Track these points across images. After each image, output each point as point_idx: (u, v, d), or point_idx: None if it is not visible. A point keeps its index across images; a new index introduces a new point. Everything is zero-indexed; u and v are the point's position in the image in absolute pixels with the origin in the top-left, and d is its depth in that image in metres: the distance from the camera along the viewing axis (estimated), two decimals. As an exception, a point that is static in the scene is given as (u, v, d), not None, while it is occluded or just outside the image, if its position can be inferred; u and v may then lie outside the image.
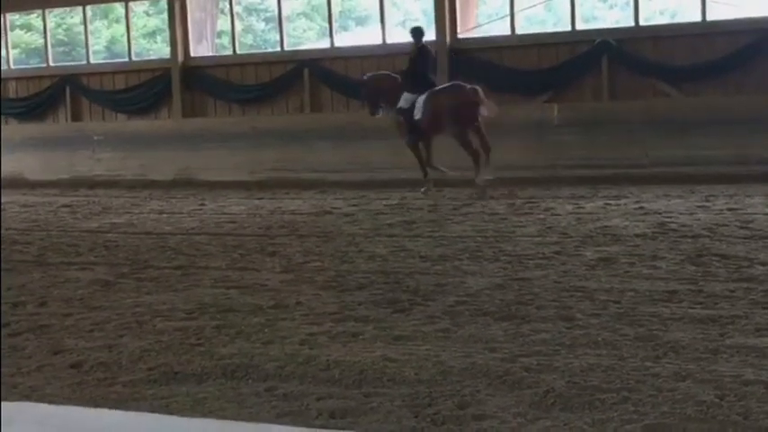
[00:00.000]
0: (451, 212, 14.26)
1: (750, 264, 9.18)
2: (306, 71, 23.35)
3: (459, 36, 22.32)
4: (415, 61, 17.10)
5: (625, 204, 14.26)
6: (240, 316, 7.76)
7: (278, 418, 5.21)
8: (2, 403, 3.54)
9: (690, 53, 20.38)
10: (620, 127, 18.67)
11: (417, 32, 17.41)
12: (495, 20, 23.41)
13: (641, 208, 13.79)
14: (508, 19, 22.24)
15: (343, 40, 24.67)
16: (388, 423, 5.12)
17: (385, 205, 15.49)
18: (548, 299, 8.01)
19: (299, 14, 27.31)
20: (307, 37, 27.43)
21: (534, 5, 22.68)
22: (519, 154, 19.09)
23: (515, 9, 22.09)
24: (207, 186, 20.05)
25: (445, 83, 18.71)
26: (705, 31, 20.51)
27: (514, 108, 20.58)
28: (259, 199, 17.34)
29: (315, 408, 5.37)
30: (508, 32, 22.17)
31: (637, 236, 11.28)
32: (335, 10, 23.98)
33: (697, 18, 20.90)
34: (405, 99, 16.82)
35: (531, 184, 17.59)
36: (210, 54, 25.15)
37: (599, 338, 6.63)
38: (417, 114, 16.40)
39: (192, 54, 24.67)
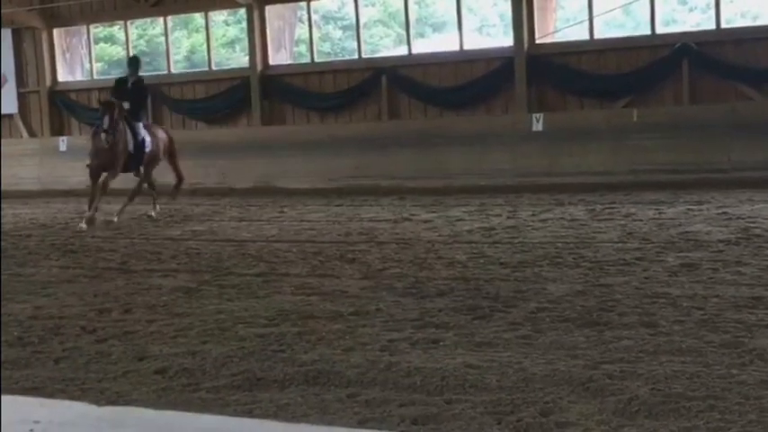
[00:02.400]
0: (530, 218, 14.19)
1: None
2: (383, 78, 23.39)
3: (538, 41, 22.19)
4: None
5: (707, 209, 14.07)
6: (321, 322, 7.79)
7: (360, 425, 5.22)
8: (105, 408, 3.61)
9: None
10: (702, 131, 18.44)
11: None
12: (572, 24, 23.25)
13: (724, 213, 13.60)
14: (587, 24, 22.07)
15: (421, 46, 24.69)
16: (471, 430, 5.10)
17: (463, 211, 15.47)
18: (630, 305, 7.93)
19: (375, 22, 27.42)
20: (384, 44, 27.52)
21: (613, 9, 22.47)
22: (599, 159, 18.96)
23: (593, 14, 21.91)
24: (286, 194, 20.20)
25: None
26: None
27: (594, 113, 20.46)
28: (338, 206, 17.42)
29: (397, 414, 5.38)
30: (587, 37, 22.00)
31: (720, 241, 11.13)
32: (412, 17, 23.98)
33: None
34: None
35: (611, 189, 17.45)
36: (289, 62, 25.33)
37: (683, 345, 6.54)
38: None
39: (271, 62, 24.86)
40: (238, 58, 27.18)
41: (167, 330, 7.76)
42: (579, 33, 22.67)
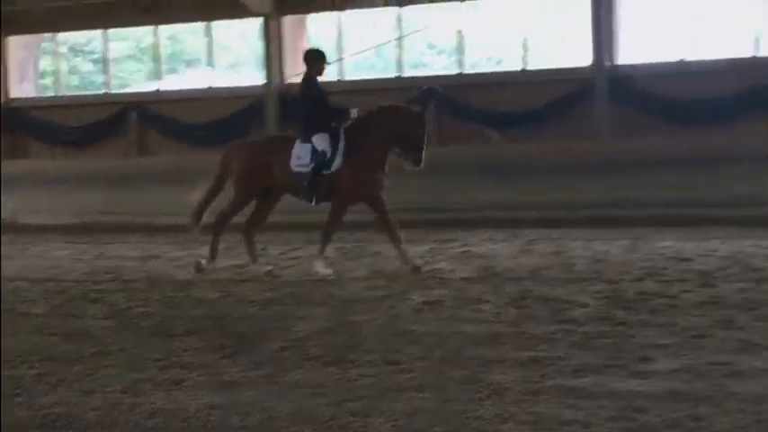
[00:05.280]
0: (281, 257, 14.20)
1: (570, 306, 9.43)
2: (133, 113, 23.02)
3: (289, 80, 22.37)
4: None
5: (452, 248, 14.46)
6: (61, 364, 7.54)
7: (98, 470, 5.08)
8: None
9: (514, 100, 20.95)
10: (448, 172, 18.97)
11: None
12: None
13: (468, 252, 14.02)
14: (337, 65, 22.42)
15: (173, 82, 24.47)
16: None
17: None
18: (375, 343, 8.05)
19: (127, 57, 26.92)
20: (135, 79, 27.06)
21: (364, 51, 22.92)
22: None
23: (344, 55, 22.30)
24: (30, 231, 19.45)
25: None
26: (528, 80, 21.16)
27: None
28: (84, 243, 16.92)
29: (137, 458, 5.26)
30: (337, 78, 22.37)
31: (462, 279, 11.46)
32: (164, 52, 23.74)
33: (518, 66, 21.52)
34: None
35: (361, 227, 17.67)
36: (33, 95, 24.54)
37: (424, 382, 6.70)
38: None
39: (13, 95, 24.00)
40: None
41: None
42: (331, 74, 23.00)
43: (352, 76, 23.54)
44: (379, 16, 23.97)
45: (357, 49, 22.83)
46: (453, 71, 23.24)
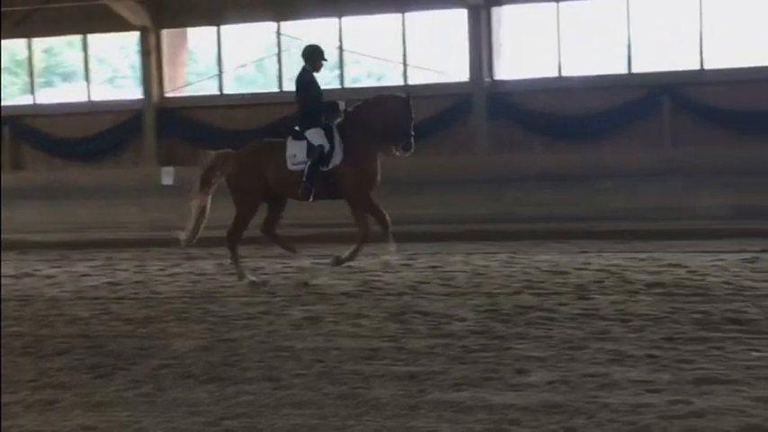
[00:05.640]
0: (159, 273, 14.01)
1: (449, 320, 9.48)
2: (5, 128, 22.51)
3: (168, 95, 22.16)
4: None
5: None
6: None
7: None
8: None
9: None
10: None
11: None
12: (204, 79, 23.42)
13: (348, 266, 13.99)
14: (217, 78, 22.30)
15: (48, 96, 24.00)
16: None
17: (90, 266, 15.03)
18: (253, 359, 7.98)
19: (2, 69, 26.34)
20: (9, 93, 26.47)
21: (244, 65, 22.83)
22: (231, 213, 19.07)
23: (226, 68, 22.18)
24: None
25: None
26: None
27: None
28: (-46, 262, 16.45)
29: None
30: (216, 92, 22.23)
31: (342, 294, 11.44)
32: (39, 66, 23.29)
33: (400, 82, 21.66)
34: None
35: (245, 242, 17.55)
36: None
37: (303, 398, 6.67)
38: None
39: None
40: None
41: None
42: (211, 88, 22.87)
43: (232, 90, 23.40)
44: (259, 31, 23.87)
45: (237, 63, 22.73)
46: (335, 86, 23.28)
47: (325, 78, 24.70)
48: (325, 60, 13.01)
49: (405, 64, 22.08)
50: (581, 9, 22.82)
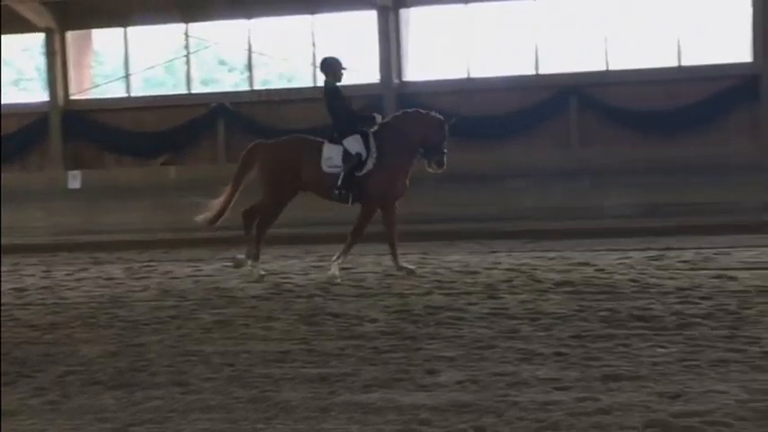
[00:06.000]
0: (66, 278, 13.80)
1: (360, 321, 9.49)
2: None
3: (73, 97, 21.83)
4: None
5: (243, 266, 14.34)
6: None
7: None
8: None
9: (304, 117, 21.03)
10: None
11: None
12: (110, 81, 23.11)
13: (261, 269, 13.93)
14: (124, 81, 22.04)
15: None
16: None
17: (-6, 272, 14.76)
18: (162, 364, 7.88)
19: None
20: None
21: (152, 67, 22.59)
22: (138, 216, 18.90)
23: (133, 70, 21.91)
24: None
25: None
26: (317, 96, 21.25)
27: (133, 170, 20.39)
28: None
29: None
30: (124, 94, 21.96)
31: (253, 297, 11.39)
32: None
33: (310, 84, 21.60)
34: None
35: (150, 246, 17.40)
36: None
37: (212, 402, 6.61)
38: None
39: None
40: None
41: None
42: (119, 90, 22.58)
43: (140, 92, 23.13)
44: (167, 32, 23.64)
45: (145, 65, 22.50)
46: (244, 88, 23.19)
47: (234, 80, 24.60)
48: (345, 69, 13.27)
49: (315, 65, 22.00)
50: (489, 11, 22.98)
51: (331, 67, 13.13)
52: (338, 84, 13.12)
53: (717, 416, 5.87)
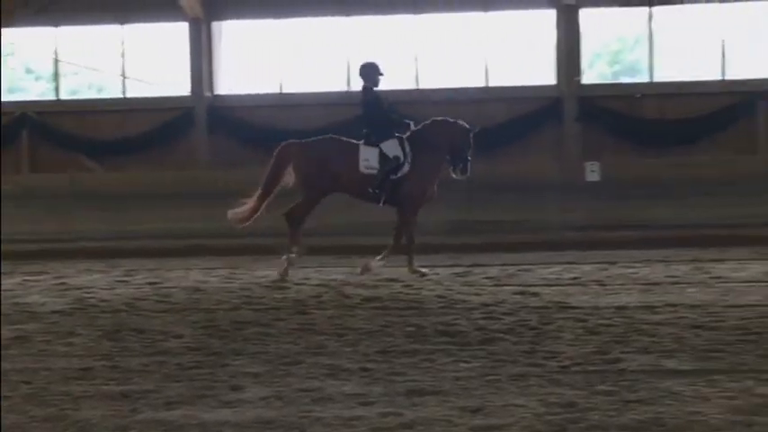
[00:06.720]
0: None
1: (165, 337, 9.33)
2: None
3: None
4: None
5: (45, 280, 13.96)
6: None
7: None
8: None
9: (114, 129, 20.66)
10: (42, 201, 18.36)
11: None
12: None
13: (63, 284, 13.57)
14: None
15: None
16: None
17: None
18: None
19: None
20: None
21: None
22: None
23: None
24: None
25: None
26: (127, 108, 20.95)
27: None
28: None
29: None
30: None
31: (55, 312, 11.06)
32: None
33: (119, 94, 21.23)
34: None
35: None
36: None
37: (6, 422, 6.37)
38: None
39: None
40: None
41: None
42: None
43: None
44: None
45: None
46: (50, 98, 22.58)
47: (40, 90, 23.89)
48: (382, 75, 13.91)
49: (124, 76, 21.64)
50: (302, 27, 23.07)
51: (369, 72, 13.85)
52: (375, 88, 13.81)
53: (514, 429, 6.01)
